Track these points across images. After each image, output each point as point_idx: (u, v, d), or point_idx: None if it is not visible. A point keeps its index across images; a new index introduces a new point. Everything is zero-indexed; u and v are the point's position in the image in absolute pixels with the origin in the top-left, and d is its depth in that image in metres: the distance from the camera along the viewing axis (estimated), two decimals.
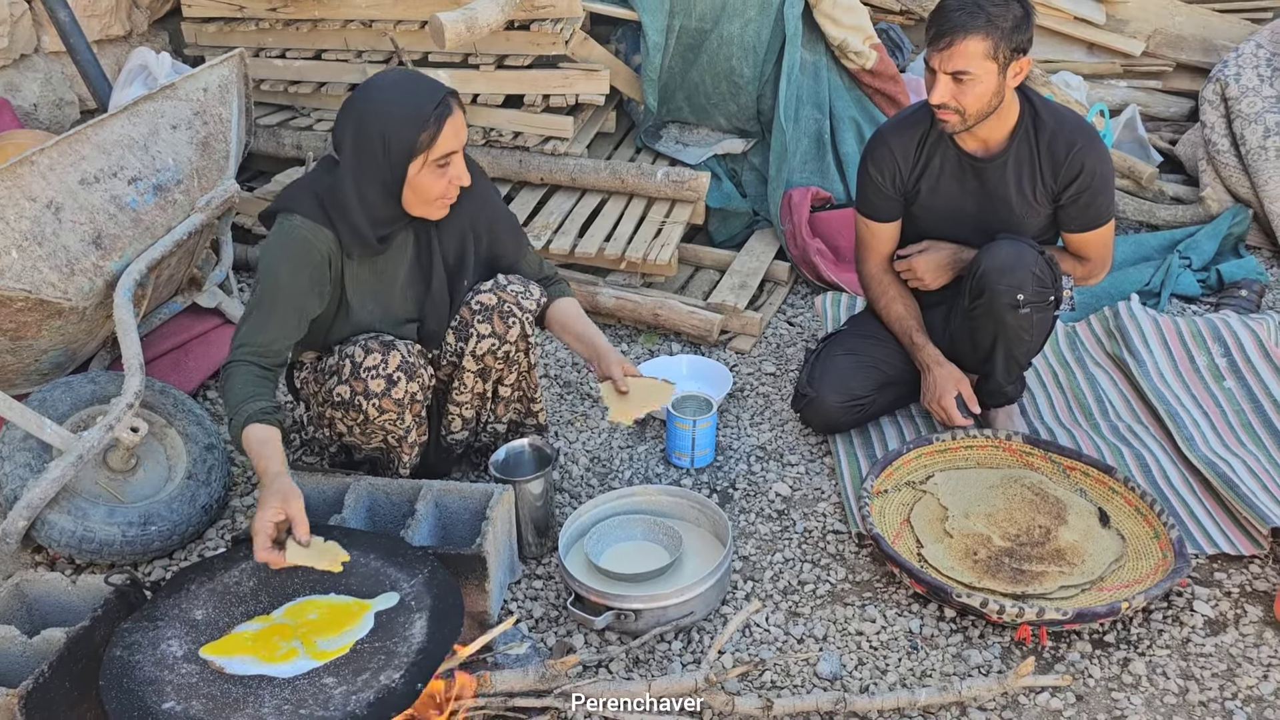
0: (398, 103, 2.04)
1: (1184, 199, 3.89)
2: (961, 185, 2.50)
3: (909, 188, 2.54)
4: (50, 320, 2.34)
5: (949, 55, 2.25)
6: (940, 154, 2.49)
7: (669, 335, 3.20)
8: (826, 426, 2.67)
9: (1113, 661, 2.03)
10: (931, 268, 2.56)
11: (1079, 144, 2.40)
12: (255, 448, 1.97)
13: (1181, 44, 4.32)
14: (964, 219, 2.53)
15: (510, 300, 2.29)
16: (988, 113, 2.34)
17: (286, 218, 2.13)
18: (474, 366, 2.31)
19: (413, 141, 2.03)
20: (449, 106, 2.05)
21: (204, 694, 1.68)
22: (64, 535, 2.21)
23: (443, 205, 2.14)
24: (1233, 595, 2.18)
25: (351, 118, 2.07)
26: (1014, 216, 2.48)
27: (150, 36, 3.85)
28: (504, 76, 3.47)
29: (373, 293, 2.22)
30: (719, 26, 3.52)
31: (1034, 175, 2.44)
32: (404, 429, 2.25)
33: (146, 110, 2.52)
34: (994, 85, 2.29)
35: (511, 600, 2.22)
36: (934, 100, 2.31)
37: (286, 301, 2.10)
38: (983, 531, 2.29)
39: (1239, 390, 2.73)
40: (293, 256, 2.10)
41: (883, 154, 2.53)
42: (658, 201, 3.48)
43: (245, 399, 2.01)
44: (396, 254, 2.23)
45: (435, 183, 2.08)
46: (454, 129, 2.06)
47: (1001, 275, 2.37)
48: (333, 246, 2.14)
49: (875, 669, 2.03)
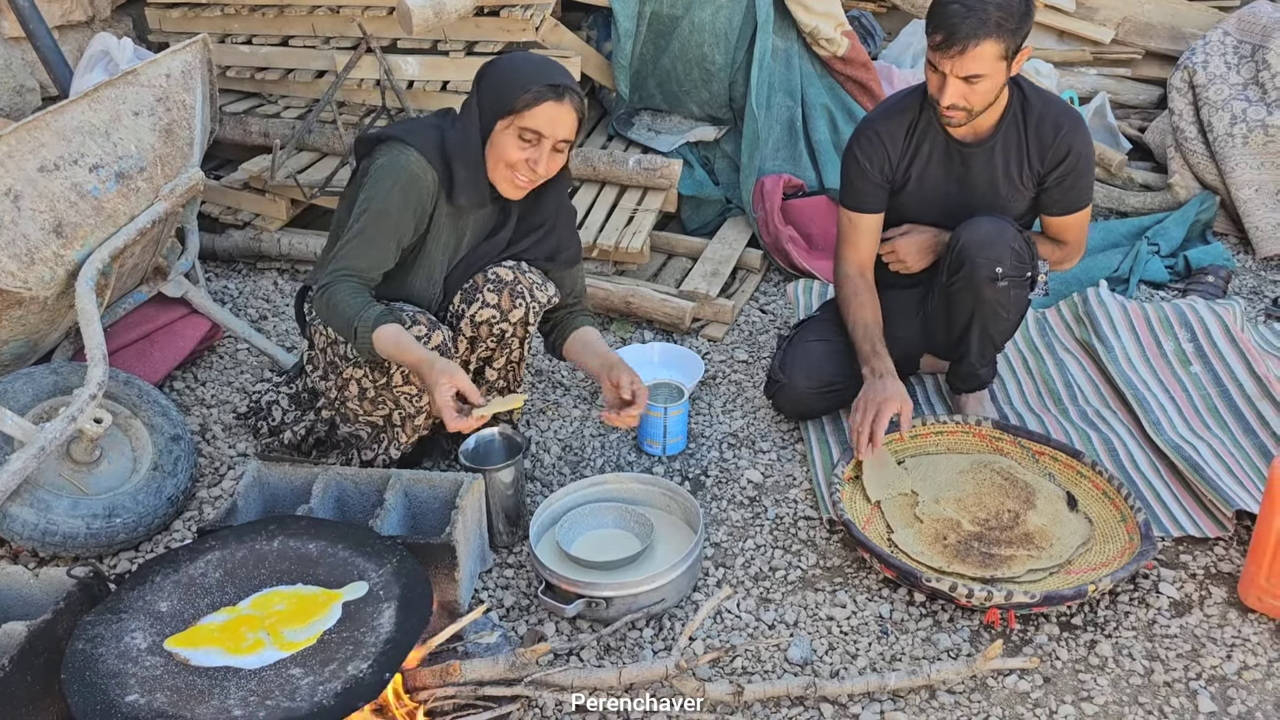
0: (527, 65, 2.17)
1: (1153, 186, 3.92)
2: (948, 171, 2.50)
3: (898, 176, 2.52)
4: (10, 310, 2.31)
5: (962, 61, 2.21)
6: (930, 141, 2.48)
7: (641, 323, 3.19)
8: (798, 412, 2.67)
9: (1080, 644, 2.04)
10: (914, 250, 2.56)
11: (1065, 127, 2.41)
12: (394, 346, 2.07)
13: (1150, 32, 4.34)
14: (949, 204, 2.52)
15: (525, 284, 2.30)
16: (991, 104, 2.34)
17: (404, 150, 2.18)
18: (469, 332, 2.31)
19: (510, 98, 2.11)
20: (560, 92, 2.12)
21: (169, 686, 1.66)
22: (26, 528, 2.18)
23: (512, 180, 2.19)
24: (1197, 577, 2.20)
25: (490, 68, 2.19)
26: (999, 200, 2.49)
27: (113, 22, 3.80)
28: (474, 63, 3.43)
29: (448, 245, 2.28)
30: (690, 13, 3.51)
31: (1021, 158, 2.45)
32: (417, 408, 2.29)
33: (108, 96, 2.48)
34: (1002, 80, 2.30)
35: (482, 589, 2.21)
36: (945, 102, 2.29)
37: (392, 231, 2.18)
38: (952, 516, 2.30)
39: (1205, 375, 2.76)
40: (406, 188, 2.16)
41: (872, 142, 2.49)
42: (630, 189, 3.47)
43: (361, 307, 2.10)
44: (481, 220, 2.31)
45: (510, 149, 2.14)
46: (555, 113, 2.12)
47: (981, 249, 2.37)
48: (436, 188, 2.20)
49: (846, 654, 2.04)
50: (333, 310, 2.12)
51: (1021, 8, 2.22)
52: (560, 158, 2.21)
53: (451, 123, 2.22)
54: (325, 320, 2.18)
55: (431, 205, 2.21)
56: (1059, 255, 2.58)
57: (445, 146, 2.18)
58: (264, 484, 2.24)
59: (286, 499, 2.24)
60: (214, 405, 2.82)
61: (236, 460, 2.61)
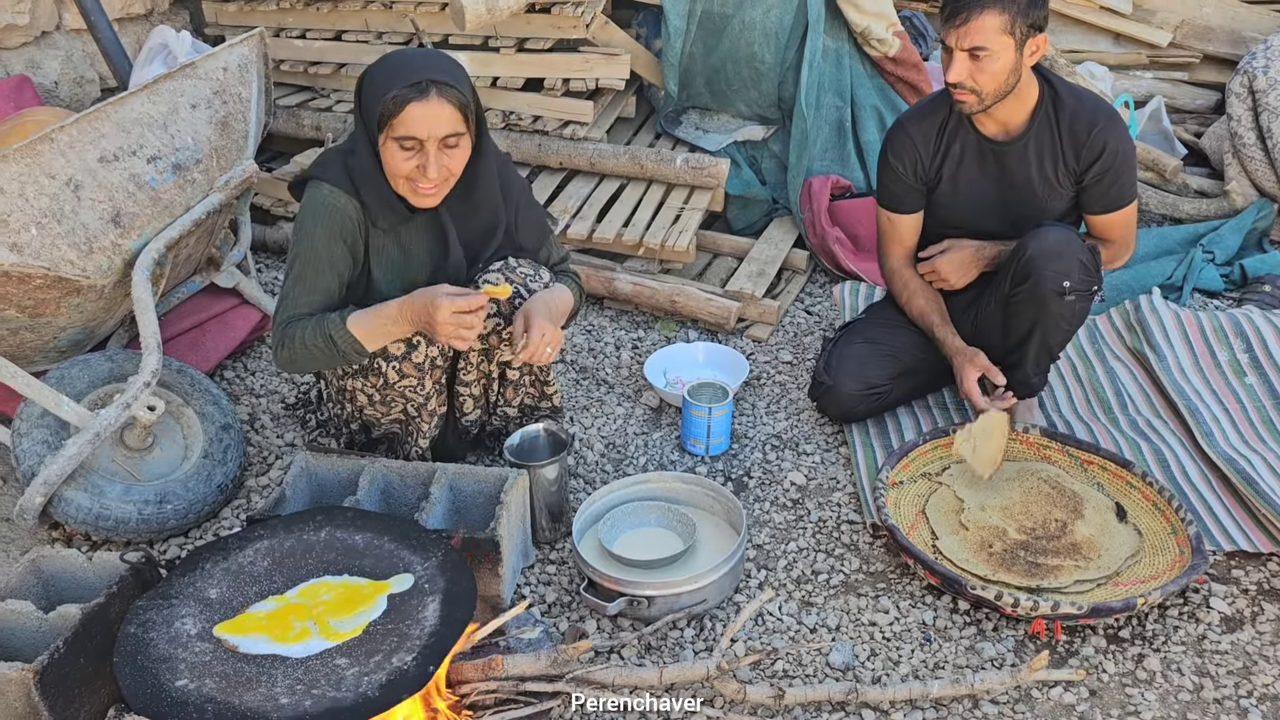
0: (387, 70, 2.06)
1: (1208, 192, 3.85)
2: (982, 171, 2.48)
3: (930, 176, 2.52)
4: (69, 298, 2.35)
5: (965, 31, 2.23)
6: (960, 140, 2.47)
7: (686, 322, 3.19)
8: (843, 415, 2.65)
9: (1127, 657, 2.02)
10: (954, 267, 2.54)
11: (1100, 123, 2.38)
12: (372, 319, 2.11)
13: (1209, 35, 4.26)
14: (987, 205, 2.51)
15: (519, 282, 2.26)
16: (1005, 92, 2.32)
17: (316, 186, 2.16)
18: (478, 345, 2.31)
19: (377, 109, 2.04)
20: (421, 89, 2.00)
21: (217, 672, 1.68)
22: (80, 512, 2.22)
23: (414, 190, 2.10)
24: (1250, 593, 2.16)
25: (360, 85, 2.12)
26: (1036, 199, 2.46)
27: (171, 15, 3.85)
28: (524, 60, 3.45)
29: (394, 265, 2.23)
30: (741, 11, 3.49)
31: (1055, 156, 2.42)
32: (424, 395, 2.26)
33: (166, 89, 2.52)
34: (1011, 62, 2.26)
35: (524, 585, 2.22)
36: (951, 79, 2.28)
37: (327, 269, 2.15)
38: (998, 524, 2.28)
39: (1260, 386, 2.71)
40: (327, 224, 2.14)
41: (903, 143, 2.51)
42: (676, 188, 3.47)
43: (320, 320, 2.12)
44: (418, 230, 2.23)
45: (396, 161, 2.07)
46: (422, 112, 2.00)
47: (1049, 261, 2.34)
48: (359, 215, 2.16)
49: (888, 660, 2.03)
50: (302, 348, 2.13)
51: None
52: (458, 153, 2.09)
53: (353, 146, 2.17)
54: (302, 363, 2.17)
55: (361, 233, 2.17)
56: (1108, 254, 2.53)
57: (351, 173, 2.14)
58: (312, 475, 2.27)
59: (333, 490, 2.26)
60: (263, 395, 2.86)
61: (284, 450, 2.64)
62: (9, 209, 2.16)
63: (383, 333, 2.13)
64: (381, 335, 2.14)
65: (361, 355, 2.16)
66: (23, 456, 2.24)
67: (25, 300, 2.26)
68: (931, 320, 2.58)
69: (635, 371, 2.96)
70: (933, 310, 2.59)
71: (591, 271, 3.21)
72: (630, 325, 3.19)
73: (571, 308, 2.35)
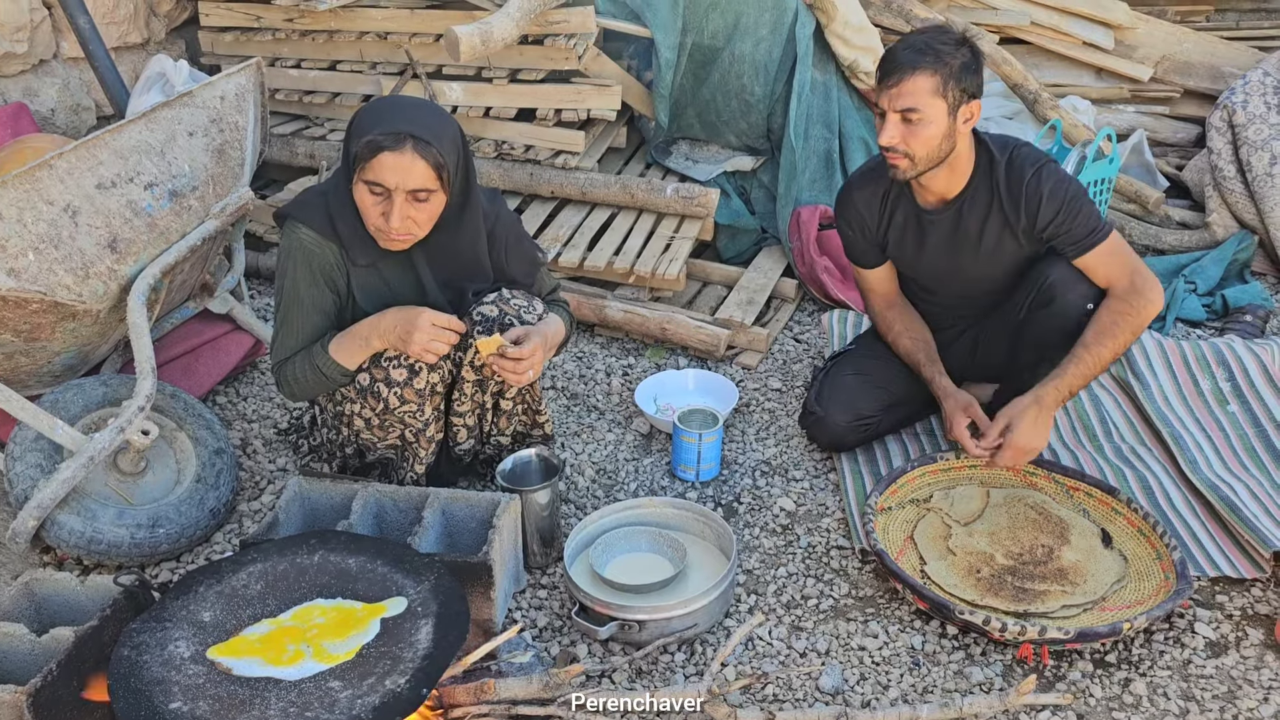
0: (369, 115, 2.10)
1: (1190, 224, 3.91)
2: (922, 240, 2.50)
3: (880, 238, 2.56)
4: (64, 322, 2.36)
5: (898, 92, 2.23)
6: (902, 208, 2.50)
7: (676, 349, 3.22)
8: (833, 444, 2.68)
9: (1114, 681, 2.04)
10: (1031, 436, 2.34)
11: (1028, 174, 2.34)
12: (343, 340, 2.19)
13: (1189, 70, 4.35)
14: (940, 270, 2.54)
15: (512, 314, 2.27)
16: (938, 159, 2.30)
17: (293, 228, 2.20)
18: (472, 376, 2.32)
19: (353, 150, 2.07)
20: (398, 140, 2.02)
21: (211, 695, 1.69)
22: (73, 536, 2.22)
23: (389, 239, 2.13)
24: (1234, 618, 2.19)
25: (350, 123, 2.15)
26: (989, 263, 2.47)
27: (167, 44, 3.89)
28: (517, 90, 3.50)
29: (380, 297, 2.26)
30: (731, 44, 3.55)
31: (1001, 220, 2.40)
32: (423, 421, 2.29)
33: (164, 117, 2.55)
34: (944, 128, 2.26)
35: (516, 609, 2.24)
36: (883, 142, 2.28)
37: (312, 309, 2.22)
38: (986, 550, 2.30)
39: (1242, 414, 2.75)
40: (309, 266, 2.19)
41: (849, 208, 2.55)
42: (667, 217, 3.51)
43: (308, 352, 2.21)
44: (398, 267, 2.26)
45: (365, 202, 2.10)
46: (393, 162, 2.03)
47: (1071, 285, 2.37)
48: (339, 258, 2.21)
49: (877, 684, 2.04)
50: (296, 380, 2.24)
51: (965, 57, 2.24)
52: (426, 208, 2.10)
53: (334, 185, 2.20)
54: (302, 393, 2.28)
55: (342, 272, 2.22)
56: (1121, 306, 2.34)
57: (330, 212, 2.18)
58: (305, 499, 2.28)
59: (326, 515, 2.28)
60: (255, 420, 2.87)
61: (276, 475, 2.65)
62: (7, 234, 2.18)
63: (358, 351, 2.20)
64: (358, 354, 2.20)
65: (346, 377, 2.22)
66: (16, 480, 2.24)
67: (21, 324, 2.27)
68: (918, 359, 2.60)
69: (626, 398, 2.98)
70: (919, 350, 2.60)
71: (582, 299, 3.24)
72: (621, 352, 3.22)
73: (563, 338, 2.38)
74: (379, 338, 2.16)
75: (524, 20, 3.15)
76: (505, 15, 3.08)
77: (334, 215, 2.18)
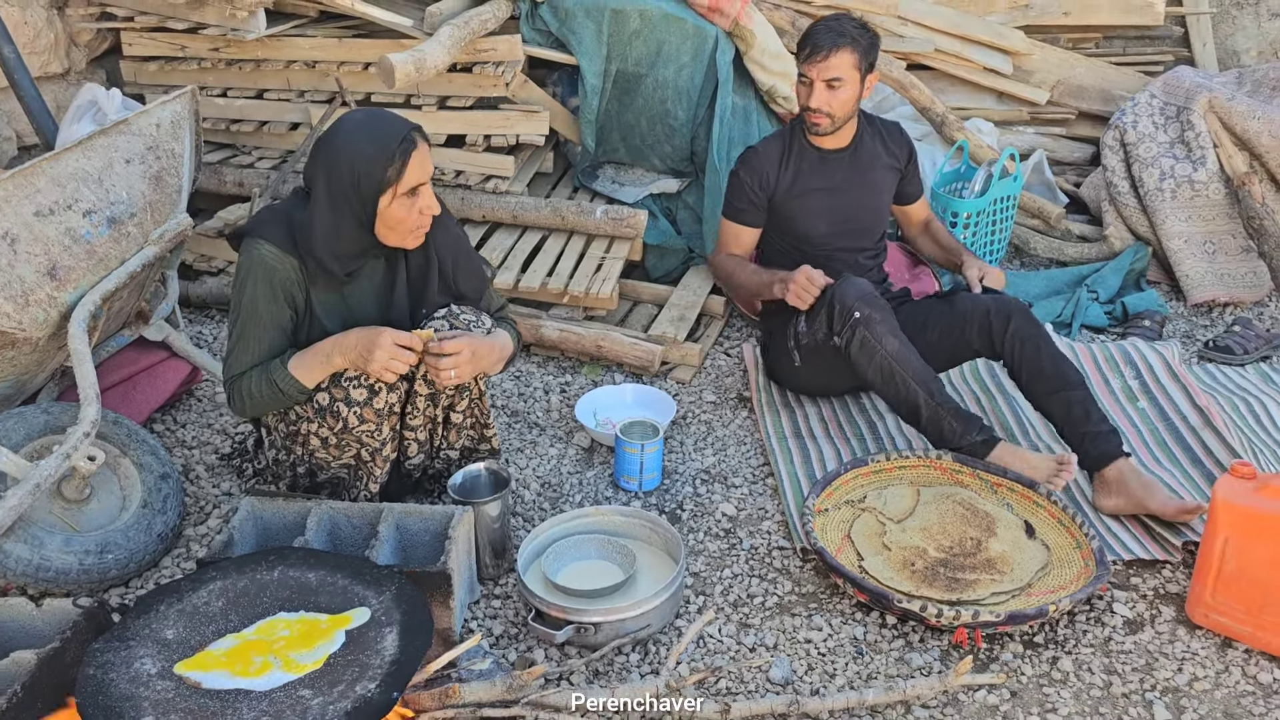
0: (366, 140, 2.16)
1: (1089, 237, 4.14)
2: (828, 176, 3.00)
3: (773, 188, 2.99)
4: (3, 351, 2.35)
5: (825, 65, 2.79)
6: (805, 158, 3.00)
7: (611, 366, 3.30)
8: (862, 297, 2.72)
9: (1043, 660, 2.17)
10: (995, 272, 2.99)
11: (900, 128, 3.12)
12: (311, 359, 2.24)
13: (1083, 94, 4.61)
14: (823, 208, 3.00)
15: (461, 328, 2.33)
16: (849, 117, 2.90)
17: (254, 244, 2.22)
18: (425, 390, 2.37)
19: (381, 177, 2.15)
20: (413, 141, 2.18)
21: (181, 708, 1.70)
22: (20, 564, 2.20)
23: (418, 234, 2.27)
24: (1148, 597, 2.35)
25: (324, 156, 2.19)
26: (871, 194, 3.05)
27: (88, 74, 3.85)
28: (447, 117, 3.56)
29: (340, 315, 2.31)
30: (654, 71, 3.67)
31: (887, 152, 3.06)
32: (380, 440, 2.32)
33: (101, 144, 2.55)
34: (856, 92, 2.85)
35: (471, 619, 2.28)
36: (812, 104, 2.84)
37: (270, 324, 2.26)
38: (919, 544, 2.43)
39: (1152, 410, 2.94)
40: (268, 282, 2.23)
41: (754, 161, 3.01)
42: (597, 238, 3.60)
43: (265, 368, 2.25)
44: (363, 282, 2.32)
45: (407, 214, 2.21)
46: (419, 161, 2.19)
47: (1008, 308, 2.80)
48: (299, 275, 2.25)
49: (824, 673, 2.14)
50: (250, 398, 2.28)
51: (870, 38, 2.84)
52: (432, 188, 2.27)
53: (299, 209, 2.26)
54: (254, 409, 2.32)
55: (301, 290, 2.28)
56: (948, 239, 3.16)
57: (295, 233, 2.24)
58: (258, 518, 2.30)
59: (279, 533, 2.30)
60: (195, 446, 2.87)
61: (221, 499, 2.65)
62: None
63: (318, 369, 2.25)
64: (318, 372, 2.25)
65: (303, 394, 2.26)
66: None
67: None
68: (760, 277, 2.95)
69: (565, 414, 3.05)
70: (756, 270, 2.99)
71: (518, 319, 3.30)
72: (557, 370, 3.29)
73: (510, 353, 2.44)
74: (341, 355, 2.20)
75: (455, 48, 3.23)
76: (437, 43, 3.15)
77: (301, 243, 2.22)
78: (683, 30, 3.61)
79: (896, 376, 2.64)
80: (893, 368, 2.64)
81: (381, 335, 2.17)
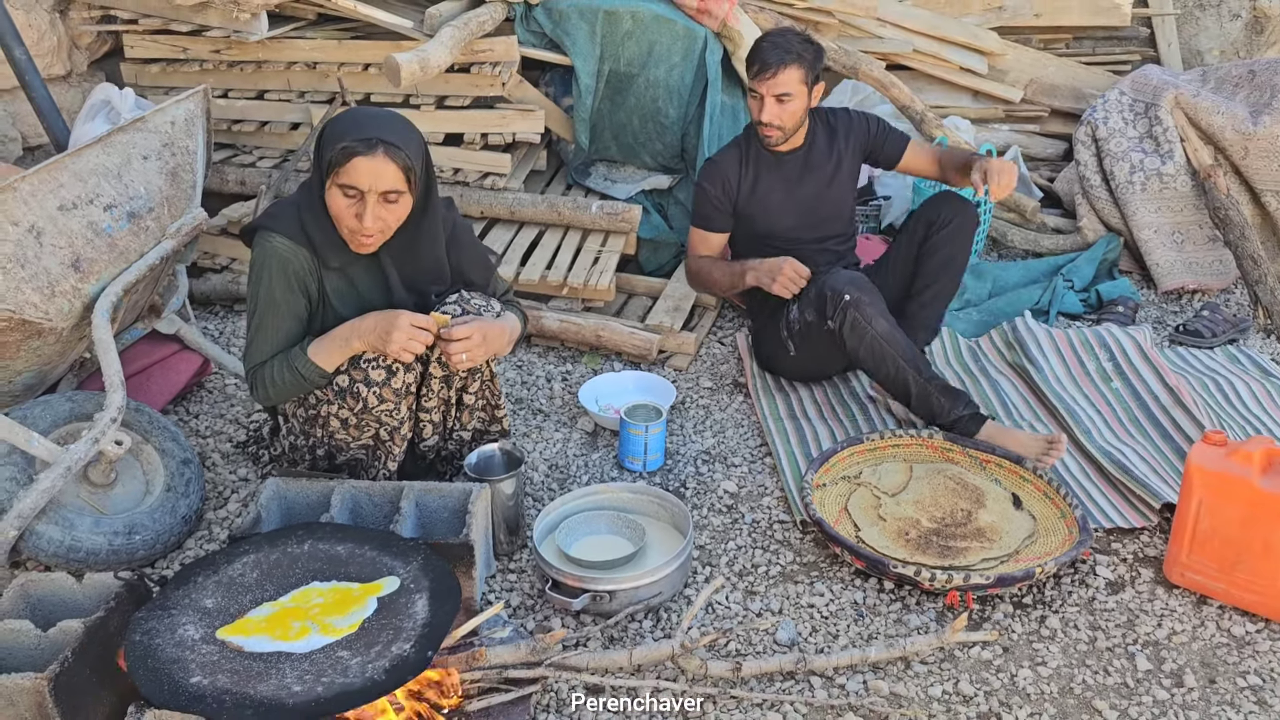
0: (342, 123, 2.25)
1: (1063, 229, 4.30)
2: (785, 176, 3.13)
3: (735, 193, 3.12)
4: (30, 340, 2.43)
5: (775, 82, 2.91)
6: (763, 163, 3.13)
7: (610, 355, 3.41)
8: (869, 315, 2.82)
9: (1031, 619, 2.30)
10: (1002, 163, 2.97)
11: (849, 113, 3.19)
12: (323, 343, 2.32)
13: (1055, 92, 4.77)
14: (786, 205, 3.13)
15: (473, 312, 2.42)
16: (799, 126, 3.04)
17: (267, 236, 2.31)
18: (439, 373, 2.47)
19: (328, 155, 2.22)
20: (372, 145, 2.18)
21: (227, 669, 1.80)
22: (52, 545, 2.28)
23: (357, 241, 2.28)
24: (1128, 561, 2.48)
25: (321, 132, 2.30)
26: (833, 179, 3.15)
27: (89, 77, 3.92)
28: (445, 116, 3.66)
29: (353, 301, 2.39)
30: (646, 71, 3.79)
31: (836, 143, 3.15)
32: (399, 420, 2.41)
33: (119, 141, 2.63)
34: (805, 104, 2.99)
35: (489, 593, 2.38)
36: (765, 119, 2.97)
37: (287, 314, 2.33)
38: (912, 515, 2.55)
39: (1124, 389, 3.09)
40: (283, 273, 2.31)
41: (715, 172, 3.13)
42: (592, 233, 3.71)
43: (285, 356, 2.33)
44: (366, 271, 2.41)
45: (338, 205, 2.25)
46: (367, 166, 2.18)
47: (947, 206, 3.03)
48: (311, 264, 2.33)
49: (828, 635, 2.26)
50: (273, 383, 2.35)
51: (814, 52, 2.95)
52: (396, 209, 2.26)
53: (304, 194, 2.35)
54: (277, 397, 2.39)
55: (314, 278, 2.36)
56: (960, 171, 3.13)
57: (303, 219, 2.31)
58: (283, 497, 2.39)
59: (304, 512, 2.39)
60: (209, 436, 2.95)
61: (239, 484, 2.74)
62: None
63: (338, 353, 2.32)
64: (337, 355, 2.33)
65: (324, 378, 2.34)
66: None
67: None
68: (732, 269, 3.09)
69: (568, 400, 3.16)
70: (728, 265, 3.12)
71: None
72: (558, 360, 3.40)
73: (519, 334, 2.55)
74: (359, 339, 2.29)
75: (455, 48, 3.33)
76: (439, 43, 3.25)
77: (305, 221, 2.30)
78: (673, 31, 3.73)
79: (887, 357, 2.77)
80: (883, 348, 2.77)
81: (399, 317, 2.26)
